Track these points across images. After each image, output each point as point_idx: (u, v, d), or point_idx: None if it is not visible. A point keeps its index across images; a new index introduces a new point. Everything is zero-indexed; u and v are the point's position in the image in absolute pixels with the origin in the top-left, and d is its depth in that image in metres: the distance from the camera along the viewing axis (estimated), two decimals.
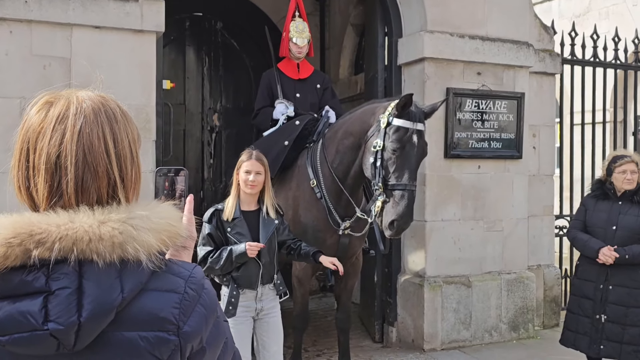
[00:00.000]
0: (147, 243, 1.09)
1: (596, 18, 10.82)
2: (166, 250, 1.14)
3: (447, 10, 5.73)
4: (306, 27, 5.29)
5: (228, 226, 3.56)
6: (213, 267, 3.51)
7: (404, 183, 3.96)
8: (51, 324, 1.01)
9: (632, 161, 4.46)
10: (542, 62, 6.37)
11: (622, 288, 4.36)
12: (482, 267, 5.88)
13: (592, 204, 4.59)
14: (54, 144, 1.12)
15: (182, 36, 7.77)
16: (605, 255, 4.33)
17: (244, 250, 3.46)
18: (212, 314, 1.16)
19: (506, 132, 5.95)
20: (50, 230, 1.05)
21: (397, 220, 3.95)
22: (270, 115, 5.13)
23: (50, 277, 1.04)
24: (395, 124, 4.00)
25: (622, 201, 4.47)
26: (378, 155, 4.03)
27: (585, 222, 4.59)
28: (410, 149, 4.00)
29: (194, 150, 7.86)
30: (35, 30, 4.40)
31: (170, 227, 1.14)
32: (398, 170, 3.97)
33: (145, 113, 4.67)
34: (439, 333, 5.63)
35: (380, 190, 3.99)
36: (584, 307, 4.47)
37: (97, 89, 1.23)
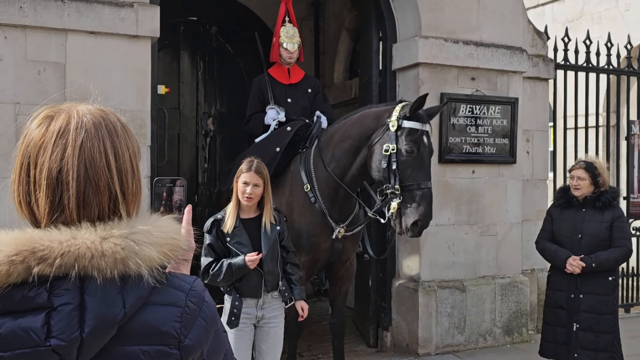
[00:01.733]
0: (149, 257, 1.09)
1: (589, 23, 10.89)
2: (168, 264, 1.15)
3: (442, 15, 5.76)
4: (296, 32, 5.31)
5: (227, 236, 3.55)
6: (215, 279, 3.50)
7: (422, 183, 4.05)
8: (53, 340, 1.02)
9: (580, 167, 4.43)
10: (536, 67, 6.41)
11: (593, 296, 4.34)
12: (477, 272, 5.90)
13: (557, 213, 4.56)
14: (55, 159, 1.11)
15: (176, 41, 7.76)
16: (572, 265, 4.32)
17: (243, 263, 3.44)
18: (213, 326, 1.16)
19: (500, 137, 5.98)
20: (52, 246, 1.05)
21: (421, 221, 4.03)
22: (261, 121, 5.14)
23: (52, 293, 1.04)
24: (407, 126, 4.08)
25: (585, 208, 4.44)
26: (392, 159, 4.07)
27: (552, 231, 4.56)
28: (423, 150, 4.11)
29: (188, 154, 7.85)
30: (30, 35, 4.40)
31: (171, 241, 1.14)
32: (415, 171, 4.05)
33: (140, 118, 4.67)
34: (434, 337, 5.64)
35: (397, 192, 4.03)
36: (559, 317, 4.43)
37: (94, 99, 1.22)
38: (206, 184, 7.89)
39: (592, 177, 4.39)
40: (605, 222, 4.40)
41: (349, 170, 4.43)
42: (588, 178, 4.39)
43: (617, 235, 4.44)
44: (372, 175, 4.29)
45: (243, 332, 3.60)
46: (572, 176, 4.48)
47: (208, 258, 3.53)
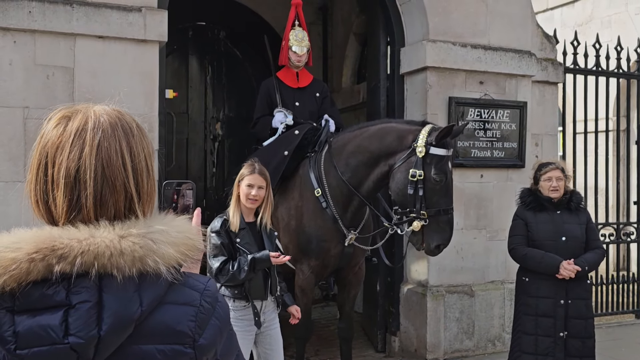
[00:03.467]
0: (166, 256, 1.10)
1: (598, 27, 10.83)
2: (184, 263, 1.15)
3: (449, 19, 5.75)
4: (305, 36, 5.30)
5: (236, 237, 3.55)
6: (236, 277, 3.48)
7: (448, 208, 4.14)
8: (72, 338, 1.02)
9: (557, 168, 4.31)
10: (545, 71, 6.37)
11: (580, 301, 4.23)
12: (485, 277, 5.87)
13: (532, 217, 4.34)
14: (73, 158, 1.12)
15: (185, 45, 7.80)
16: (567, 270, 4.13)
17: (268, 256, 3.48)
18: (226, 326, 1.18)
19: (509, 141, 5.95)
20: (72, 245, 1.06)
21: (443, 245, 4.19)
22: (269, 124, 5.13)
23: (71, 291, 1.05)
24: (436, 154, 4.09)
25: (560, 210, 4.31)
26: (419, 185, 4.09)
27: (528, 236, 4.33)
28: (450, 176, 4.18)
29: (196, 159, 7.87)
30: (38, 40, 4.42)
31: (188, 241, 1.15)
32: (441, 197, 4.12)
33: (148, 122, 4.68)
34: (442, 343, 5.61)
35: (424, 216, 4.09)
36: (543, 326, 4.19)
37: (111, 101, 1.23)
38: (214, 189, 7.91)
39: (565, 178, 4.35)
40: (582, 224, 4.33)
41: (365, 182, 4.41)
42: (564, 179, 4.32)
43: (593, 237, 4.40)
44: (392, 196, 4.31)
45: (245, 338, 3.59)
46: (549, 177, 4.28)
47: (220, 257, 3.49)
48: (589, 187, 6.94)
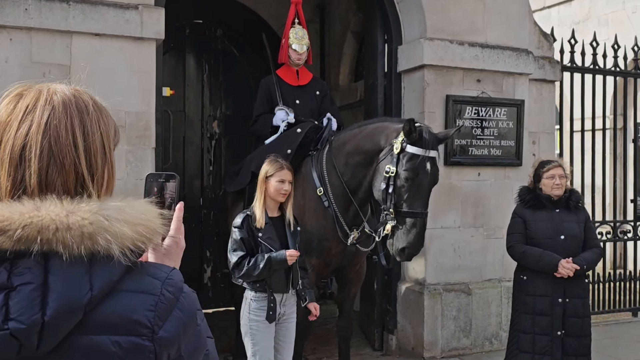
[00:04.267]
0: (120, 234, 1.02)
1: (596, 25, 10.84)
2: (142, 246, 1.07)
3: (447, 17, 5.74)
4: (305, 34, 5.29)
5: (259, 232, 3.63)
6: (250, 274, 3.57)
7: (416, 211, 3.99)
8: (12, 323, 0.93)
9: (559, 165, 4.31)
10: (542, 69, 6.37)
11: (578, 299, 4.23)
12: (482, 275, 5.87)
13: (531, 215, 4.32)
14: (20, 136, 1.07)
15: (182, 43, 7.76)
16: (565, 269, 4.11)
17: (285, 257, 3.56)
18: (192, 320, 1.09)
19: (506, 139, 5.95)
20: (13, 218, 0.98)
21: (408, 248, 4.01)
22: (270, 122, 5.11)
23: (13, 272, 0.96)
24: (409, 151, 4.00)
25: (559, 208, 4.29)
26: (390, 182, 4.03)
27: (526, 234, 4.32)
28: (423, 177, 4.01)
29: (193, 157, 7.84)
30: (35, 37, 4.41)
31: (146, 222, 1.07)
32: (410, 197, 3.99)
33: (145, 120, 4.67)
34: (439, 341, 5.61)
35: (392, 215, 4.01)
36: (540, 324, 4.19)
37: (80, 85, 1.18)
38: (211, 187, 7.88)
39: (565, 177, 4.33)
40: (581, 223, 4.32)
41: (364, 182, 4.40)
42: (565, 177, 4.31)
43: (591, 235, 4.39)
44: (374, 193, 4.27)
45: (269, 327, 3.69)
46: (552, 175, 4.26)
47: (238, 252, 3.59)
48: (586, 185, 6.94)
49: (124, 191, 4.73)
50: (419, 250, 4.11)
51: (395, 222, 4.00)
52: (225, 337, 6.71)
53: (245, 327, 3.70)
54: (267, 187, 3.71)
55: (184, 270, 4.94)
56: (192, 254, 7.78)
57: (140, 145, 4.65)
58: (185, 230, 4.54)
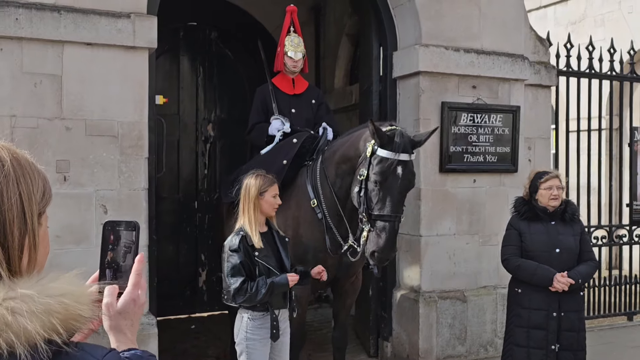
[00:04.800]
0: (25, 332, 0.87)
1: (592, 25, 10.83)
2: (59, 338, 0.92)
3: (442, 23, 5.70)
4: (301, 42, 5.25)
5: (255, 250, 3.60)
6: (252, 299, 3.54)
7: (386, 214, 3.89)
8: None
9: (556, 176, 4.27)
10: (538, 74, 6.34)
11: (573, 313, 4.20)
12: (478, 282, 5.85)
13: (526, 227, 4.28)
14: None
15: (176, 46, 7.71)
16: (560, 283, 4.08)
17: (287, 281, 3.58)
18: None
19: (501, 145, 5.92)
20: None
21: (378, 253, 3.91)
22: (265, 131, 5.08)
23: None
24: (379, 155, 3.93)
25: (554, 221, 4.26)
26: (362, 185, 3.98)
27: (522, 247, 4.28)
28: (393, 181, 3.91)
29: (188, 160, 7.80)
30: (26, 47, 4.36)
31: (64, 308, 0.92)
32: (380, 201, 3.91)
33: (138, 130, 4.63)
34: (434, 348, 5.60)
35: (365, 219, 3.95)
36: (535, 338, 4.16)
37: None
38: (206, 190, 7.85)
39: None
40: (576, 235, 4.27)
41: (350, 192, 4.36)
42: (562, 188, 4.28)
43: (586, 248, 4.35)
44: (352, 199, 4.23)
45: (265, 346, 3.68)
46: (550, 186, 4.22)
47: (238, 278, 3.53)
48: (582, 185, 6.94)
49: (117, 201, 4.71)
50: (390, 255, 4.01)
51: (369, 227, 3.95)
52: (220, 342, 6.71)
53: (242, 345, 3.67)
54: (261, 203, 3.67)
55: (180, 274, 4.95)
56: (187, 258, 7.79)
57: (133, 155, 4.61)
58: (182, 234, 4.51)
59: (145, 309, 4.65)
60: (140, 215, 4.61)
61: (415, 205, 5.65)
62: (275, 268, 3.64)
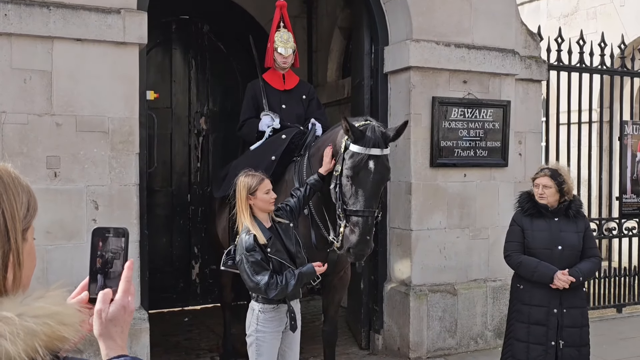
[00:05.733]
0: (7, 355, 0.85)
1: (584, 18, 10.85)
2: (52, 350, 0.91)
3: (433, 18, 5.71)
4: (291, 37, 5.26)
5: (267, 247, 3.63)
6: (284, 293, 3.58)
7: (359, 210, 3.86)
8: None
9: (545, 175, 4.21)
10: (529, 69, 6.36)
11: (575, 309, 4.19)
12: (468, 275, 5.90)
13: (529, 224, 4.24)
14: None
15: (168, 39, 7.70)
16: (561, 281, 4.07)
17: (313, 270, 3.65)
18: None
19: (492, 140, 5.95)
20: None
21: (352, 248, 3.89)
22: (256, 127, 5.10)
23: None
24: (351, 150, 3.90)
25: (557, 217, 4.22)
26: (337, 181, 3.98)
27: (525, 243, 4.24)
28: (364, 176, 3.86)
29: (180, 154, 7.81)
30: (15, 43, 4.35)
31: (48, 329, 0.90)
32: (353, 196, 3.89)
33: (129, 126, 4.64)
34: (425, 341, 5.65)
35: (341, 215, 3.95)
36: (535, 334, 4.14)
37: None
38: (199, 184, 7.86)
39: (558, 185, 4.19)
40: (580, 232, 4.25)
41: None
42: (554, 186, 4.19)
43: (590, 244, 4.31)
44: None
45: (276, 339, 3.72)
46: (536, 184, 4.21)
47: (264, 273, 3.56)
48: (572, 178, 6.98)
49: (108, 197, 4.70)
50: (365, 250, 3.91)
51: (344, 222, 3.93)
52: (213, 335, 6.74)
53: (252, 337, 3.71)
54: (254, 202, 3.69)
55: (173, 266, 4.95)
56: (180, 251, 7.81)
57: (123, 151, 4.62)
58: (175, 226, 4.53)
59: (137, 303, 4.68)
60: (132, 211, 4.62)
61: (405, 199, 5.68)
62: (286, 261, 3.69)
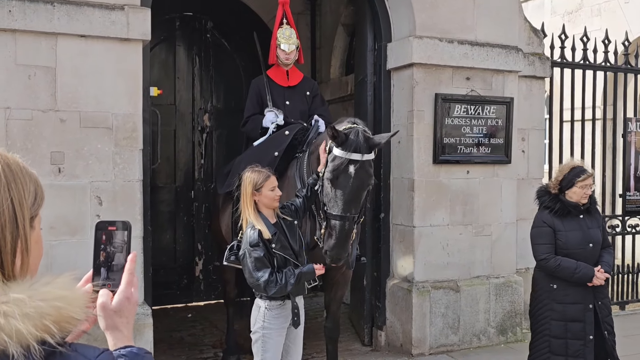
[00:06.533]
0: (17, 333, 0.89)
1: (588, 15, 10.81)
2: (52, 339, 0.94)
3: (436, 15, 5.71)
4: (293, 34, 5.27)
5: (272, 243, 3.67)
6: (283, 290, 3.63)
7: (337, 214, 3.85)
8: None
9: (592, 175, 4.27)
10: (532, 65, 6.36)
11: (605, 299, 4.34)
12: (471, 272, 5.90)
13: (560, 224, 4.24)
14: None
15: (172, 36, 7.72)
16: (599, 279, 4.17)
17: (313, 270, 3.69)
18: None
19: (495, 137, 5.95)
20: None
21: (329, 251, 3.86)
22: (259, 124, 5.12)
23: None
24: (334, 153, 3.90)
25: (582, 214, 4.27)
26: (320, 183, 3.99)
27: (557, 244, 4.23)
28: (344, 180, 3.82)
29: (184, 150, 7.83)
30: (19, 39, 4.37)
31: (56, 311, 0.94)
32: (332, 200, 3.88)
33: (132, 122, 4.66)
34: (427, 338, 5.65)
35: (322, 217, 3.95)
36: (573, 330, 4.21)
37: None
38: (202, 180, 7.88)
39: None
40: (600, 227, 4.36)
41: None
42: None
43: (605, 236, 4.44)
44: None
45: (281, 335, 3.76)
46: (585, 185, 4.19)
47: (265, 270, 3.60)
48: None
49: (112, 193, 4.72)
50: (341, 254, 3.86)
51: (325, 224, 3.94)
52: (216, 331, 6.77)
53: (258, 334, 3.75)
54: (259, 198, 3.73)
55: (177, 263, 4.98)
56: (184, 247, 7.84)
57: (127, 147, 4.64)
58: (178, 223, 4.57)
59: (140, 299, 4.69)
60: (135, 207, 4.64)
61: (408, 196, 5.69)
62: (291, 257, 3.74)
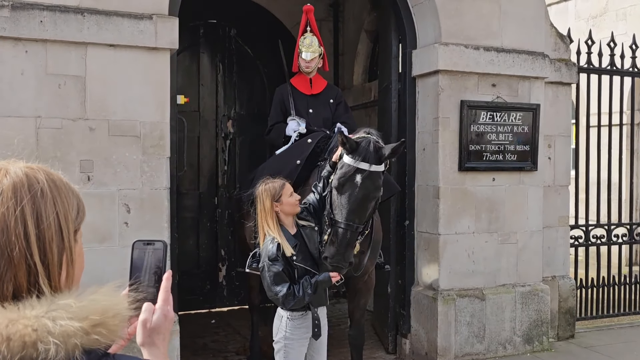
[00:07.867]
0: (66, 333, 0.93)
1: (613, 19, 10.71)
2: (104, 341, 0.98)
3: (462, 21, 5.69)
4: (314, 41, 5.27)
5: (293, 255, 3.67)
6: (302, 302, 3.63)
7: (340, 222, 3.80)
8: None
9: None
10: (558, 71, 6.30)
11: None
12: (496, 280, 5.85)
13: None
14: None
15: (196, 43, 7.78)
16: None
17: (329, 278, 3.65)
18: None
19: (521, 143, 5.90)
20: None
21: (329, 258, 3.79)
22: (283, 132, 5.14)
23: None
24: (343, 161, 3.87)
25: None
26: (329, 189, 3.96)
27: None
28: (349, 189, 3.78)
29: (208, 157, 7.87)
30: (50, 49, 4.43)
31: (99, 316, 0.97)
32: (337, 207, 3.84)
33: (160, 130, 4.69)
34: (452, 346, 5.62)
35: (327, 223, 3.91)
36: None
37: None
38: (226, 186, 7.92)
39: None
40: None
41: None
42: None
43: None
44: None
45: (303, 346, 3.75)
46: None
47: (283, 285, 3.61)
48: (602, 180, 6.90)
49: (140, 200, 4.76)
50: (342, 262, 3.75)
51: (329, 231, 3.88)
52: (239, 337, 6.78)
53: (280, 344, 3.75)
54: (281, 208, 3.73)
55: (200, 269, 5.00)
56: (207, 253, 7.87)
57: (154, 155, 4.68)
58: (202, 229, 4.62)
59: None
60: (162, 214, 4.68)
61: (433, 203, 5.66)
62: (312, 267, 3.73)
